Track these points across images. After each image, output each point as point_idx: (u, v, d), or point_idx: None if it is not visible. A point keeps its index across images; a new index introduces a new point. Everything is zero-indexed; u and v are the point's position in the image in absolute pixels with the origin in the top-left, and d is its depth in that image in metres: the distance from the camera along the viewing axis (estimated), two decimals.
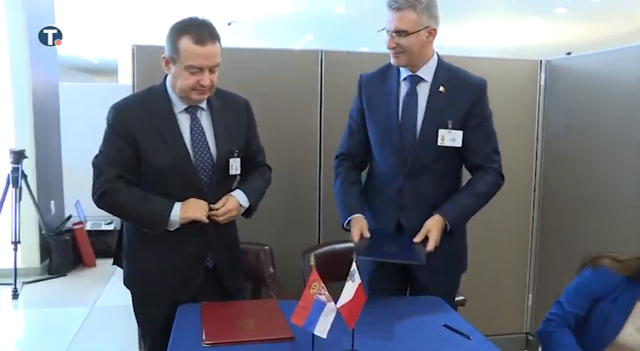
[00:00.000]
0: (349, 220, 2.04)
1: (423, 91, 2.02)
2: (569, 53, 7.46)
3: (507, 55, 3.52)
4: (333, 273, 2.09)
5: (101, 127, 1.89)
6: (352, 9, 8.45)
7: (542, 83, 3.25)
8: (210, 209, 1.88)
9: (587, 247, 2.85)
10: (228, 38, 1.87)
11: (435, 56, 2.05)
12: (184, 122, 1.89)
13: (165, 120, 1.86)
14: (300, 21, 9.39)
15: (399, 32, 1.93)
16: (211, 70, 1.82)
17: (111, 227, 5.65)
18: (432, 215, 1.98)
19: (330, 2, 8.38)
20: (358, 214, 2.05)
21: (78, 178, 5.91)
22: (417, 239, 1.94)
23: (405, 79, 2.05)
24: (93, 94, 6.51)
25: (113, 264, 2.14)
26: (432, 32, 1.97)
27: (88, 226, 5.50)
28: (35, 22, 4.47)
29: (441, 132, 1.98)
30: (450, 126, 1.98)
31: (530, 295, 3.40)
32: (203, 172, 1.89)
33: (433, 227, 1.95)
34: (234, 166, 1.95)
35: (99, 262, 5.29)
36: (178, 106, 1.89)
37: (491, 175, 2.03)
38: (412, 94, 2.03)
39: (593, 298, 1.74)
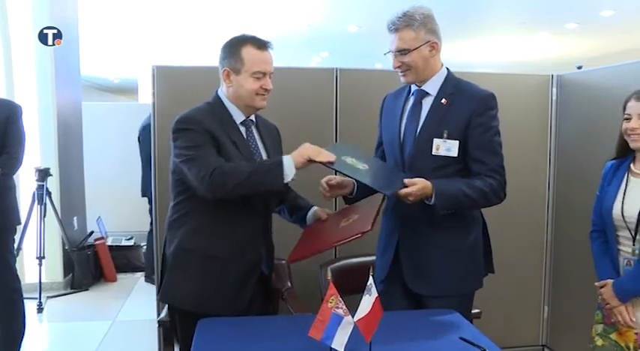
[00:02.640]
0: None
1: (427, 105, 2.04)
2: (579, 67, 7.42)
3: (518, 70, 3.52)
4: (350, 286, 2.09)
5: (122, 145, 1.93)
6: (365, 28, 8.53)
7: (554, 98, 3.24)
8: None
9: None
10: None
11: (444, 70, 2.06)
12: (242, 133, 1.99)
13: (232, 129, 1.95)
14: (314, 39, 9.46)
15: (401, 51, 1.97)
16: (269, 77, 1.95)
17: (131, 243, 5.70)
18: (429, 225, 1.95)
19: (344, 21, 8.46)
20: None
21: (99, 195, 6.02)
22: (407, 182, 1.86)
23: (412, 94, 2.09)
24: (114, 114, 6.61)
25: (159, 293, 2.09)
26: (434, 46, 1.99)
27: (109, 242, 5.54)
28: (62, 45, 4.55)
29: (436, 141, 1.97)
30: (445, 136, 1.96)
31: (546, 307, 3.35)
32: None
33: (419, 183, 1.85)
34: None
35: (120, 276, 5.33)
36: (237, 118, 1.97)
37: (493, 182, 1.96)
38: (416, 107, 2.05)
39: (602, 188, 2.06)
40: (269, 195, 1.97)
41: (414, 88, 2.09)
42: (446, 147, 1.97)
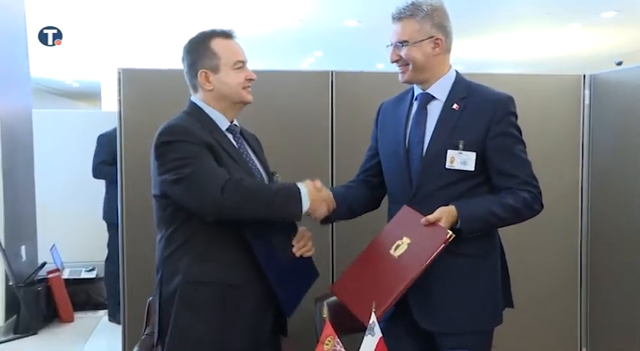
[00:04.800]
0: None
1: (435, 111, 2.04)
2: (619, 63, 7.37)
3: (543, 69, 3.55)
4: (349, 324, 2.09)
5: (82, 160, 1.93)
6: (365, 22, 8.55)
7: (587, 102, 3.25)
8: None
9: None
10: None
11: (452, 72, 2.08)
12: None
13: (222, 137, 1.98)
14: (307, 36, 9.49)
15: (401, 43, 2.01)
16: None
17: (92, 275, 5.62)
18: None
19: (340, 15, 8.47)
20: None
21: (54, 219, 5.96)
22: (424, 222, 1.90)
23: (416, 98, 2.10)
24: (72, 123, 6.53)
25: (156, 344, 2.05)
26: (439, 43, 2.01)
27: (66, 274, 5.47)
28: (7, 41, 4.55)
29: (450, 153, 1.97)
30: (461, 146, 1.97)
31: (584, 350, 3.32)
32: None
33: (444, 215, 1.89)
34: None
35: (78, 316, 5.22)
36: (222, 125, 2.01)
37: (527, 195, 1.97)
38: (421, 113, 2.06)
39: None
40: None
41: (417, 91, 2.10)
42: (461, 160, 1.97)
